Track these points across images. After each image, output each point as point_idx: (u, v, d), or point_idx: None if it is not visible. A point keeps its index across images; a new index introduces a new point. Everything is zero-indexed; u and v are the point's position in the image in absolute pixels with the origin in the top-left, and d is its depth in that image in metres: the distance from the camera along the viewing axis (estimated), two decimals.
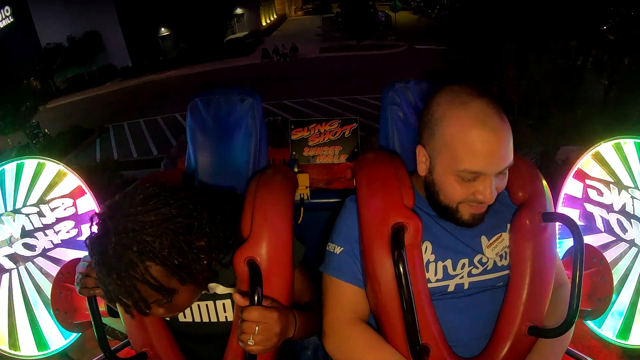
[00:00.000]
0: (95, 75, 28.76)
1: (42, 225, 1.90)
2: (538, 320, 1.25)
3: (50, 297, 1.70)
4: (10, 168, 1.89)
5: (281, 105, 17.03)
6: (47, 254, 1.91)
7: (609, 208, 1.78)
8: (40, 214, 1.89)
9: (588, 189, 1.83)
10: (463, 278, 1.27)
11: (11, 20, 27.34)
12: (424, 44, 21.98)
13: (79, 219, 1.93)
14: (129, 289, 1.03)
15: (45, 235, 1.90)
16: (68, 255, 1.91)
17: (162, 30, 31.81)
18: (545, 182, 1.36)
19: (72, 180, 1.93)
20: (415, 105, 1.63)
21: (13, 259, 1.88)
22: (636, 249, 1.73)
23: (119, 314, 1.37)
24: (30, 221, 1.88)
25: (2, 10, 26.74)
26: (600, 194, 1.79)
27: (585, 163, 1.84)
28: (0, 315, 1.86)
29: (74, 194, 1.93)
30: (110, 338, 1.62)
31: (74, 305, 1.66)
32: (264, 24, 41.31)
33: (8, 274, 1.88)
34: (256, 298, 1.11)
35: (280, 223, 1.27)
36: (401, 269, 1.12)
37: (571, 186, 1.88)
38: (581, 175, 1.85)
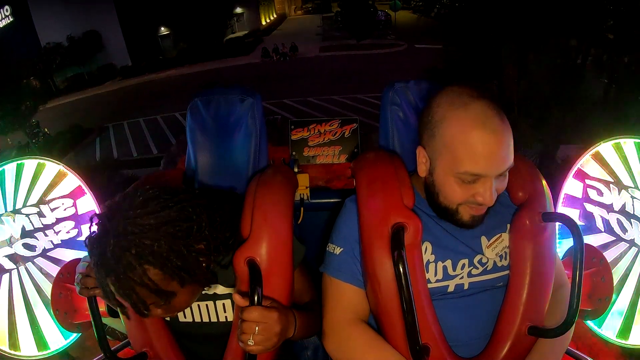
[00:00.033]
0: (95, 74, 28.69)
1: (42, 226, 1.90)
2: (538, 320, 1.25)
3: (50, 297, 1.70)
4: (10, 168, 1.89)
5: (281, 104, 17.00)
6: (47, 254, 1.91)
7: (609, 208, 1.78)
8: (40, 214, 1.89)
9: (588, 189, 1.83)
10: (463, 278, 1.27)
11: (11, 19, 27.28)
12: (423, 43, 21.95)
13: (79, 219, 1.93)
14: (127, 291, 1.04)
15: (45, 235, 1.90)
16: (68, 255, 1.91)
17: (162, 29, 31.77)
18: (545, 182, 1.35)
19: (72, 181, 1.93)
20: (415, 105, 1.63)
21: (13, 259, 1.88)
22: (636, 249, 1.73)
23: (119, 314, 1.37)
24: (30, 221, 1.88)
25: (2, 9, 26.66)
26: (600, 194, 1.80)
27: (585, 163, 1.84)
28: (0, 315, 1.86)
29: (74, 194, 1.93)
30: (110, 338, 1.62)
31: (74, 305, 1.66)
32: (263, 23, 41.26)
33: (8, 274, 1.88)
34: (256, 298, 1.11)
35: (280, 223, 1.27)
36: (401, 269, 1.12)
37: (571, 186, 1.88)
38: (581, 175, 1.85)
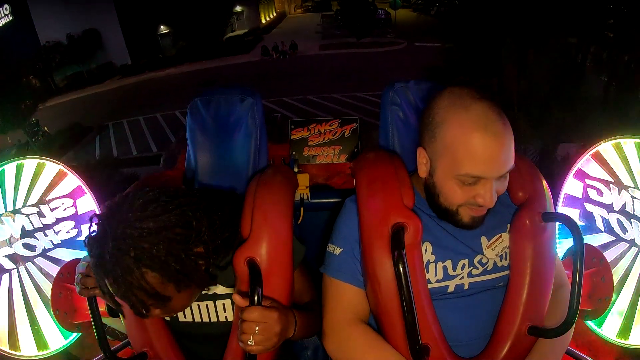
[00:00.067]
0: (94, 73, 28.64)
1: (42, 226, 1.90)
2: (538, 320, 1.25)
3: (50, 297, 1.71)
4: (10, 168, 1.89)
5: (281, 102, 17.02)
6: (47, 254, 1.91)
7: (609, 208, 1.78)
8: (40, 214, 1.89)
9: (588, 189, 1.83)
10: (463, 278, 1.26)
11: (10, 18, 27.24)
12: (423, 41, 21.95)
13: (78, 219, 1.93)
14: (125, 293, 1.04)
15: (45, 235, 1.90)
16: (68, 255, 1.91)
17: (162, 28, 31.73)
18: (545, 182, 1.35)
19: (72, 181, 1.93)
20: (415, 105, 1.63)
21: (13, 259, 1.88)
22: (636, 249, 1.74)
23: (119, 314, 1.37)
24: (30, 221, 1.88)
25: (1, 8, 26.58)
26: (600, 193, 1.80)
27: (585, 163, 1.84)
28: (0, 315, 1.86)
29: (74, 194, 1.93)
30: (110, 338, 1.62)
31: (74, 305, 1.67)
32: (263, 21, 41.21)
33: (8, 274, 1.88)
34: (256, 298, 1.11)
35: (280, 223, 1.27)
36: (401, 269, 1.12)
37: (571, 186, 1.88)
38: (581, 175, 1.85)
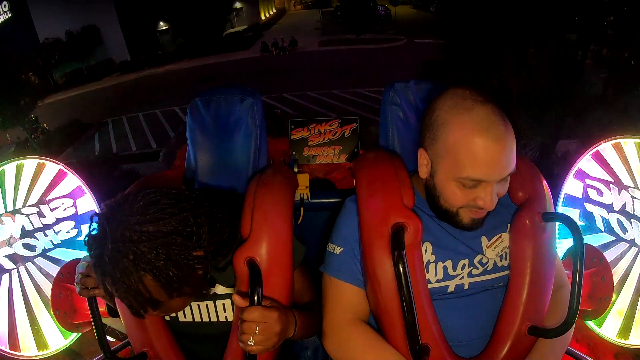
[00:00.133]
0: (93, 69, 28.65)
1: (42, 226, 1.90)
2: (538, 320, 1.25)
3: (50, 298, 1.71)
4: (10, 168, 1.89)
5: (280, 98, 16.99)
6: (47, 254, 1.92)
7: (609, 208, 1.78)
8: (40, 214, 1.89)
9: (588, 189, 1.83)
10: (463, 278, 1.26)
11: (9, 15, 27.21)
12: (423, 38, 21.92)
13: (78, 219, 1.93)
14: (122, 294, 1.04)
15: (45, 235, 1.90)
16: (68, 255, 1.91)
17: (161, 24, 31.69)
18: (545, 182, 1.35)
19: (72, 181, 1.93)
20: (415, 105, 1.63)
21: (13, 259, 1.88)
22: (636, 249, 1.74)
23: (119, 314, 1.37)
24: (30, 221, 1.88)
25: (0, 5, 26.60)
26: (600, 194, 1.80)
27: (585, 163, 1.84)
28: (0, 315, 1.86)
29: (74, 194, 1.93)
30: (110, 338, 1.62)
31: (74, 305, 1.67)
32: (263, 17, 41.17)
33: (8, 274, 1.89)
34: (256, 298, 1.11)
35: (280, 223, 1.27)
36: (401, 269, 1.12)
37: (571, 186, 1.88)
38: (581, 175, 1.85)
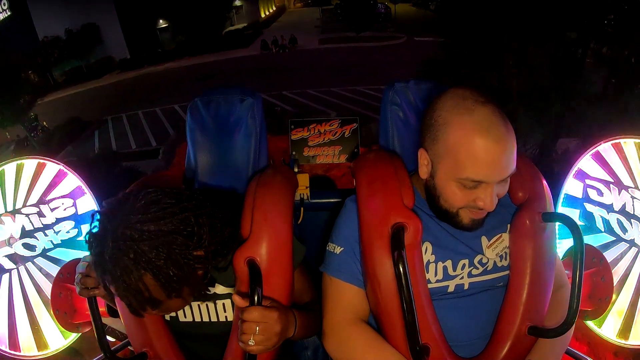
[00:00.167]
0: (93, 67, 28.66)
1: (42, 226, 1.90)
2: (538, 320, 1.24)
3: (50, 297, 1.71)
4: (10, 168, 1.89)
5: (280, 96, 16.99)
6: (47, 254, 1.92)
7: (609, 208, 1.78)
8: (40, 214, 1.89)
9: (588, 189, 1.83)
10: (463, 278, 1.26)
11: (8, 13, 27.19)
12: (423, 36, 21.89)
13: (79, 219, 1.93)
14: (122, 292, 1.04)
15: (45, 235, 1.90)
16: (68, 255, 1.92)
17: (161, 22, 31.67)
18: (545, 182, 1.35)
19: (72, 181, 1.93)
20: (415, 105, 1.62)
21: (13, 259, 1.88)
22: (636, 249, 1.74)
23: (119, 314, 1.37)
24: (30, 221, 1.88)
25: None
26: (600, 194, 1.80)
27: (585, 163, 1.84)
28: (0, 315, 1.86)
29: (74, 194, 1.93)
30: (110, 338, 1.62)
31: (74, 305, 1.67)
32: (262, 15, 41.09)
33: (8, 274, 1.89)
34: (256, 298, 1.11)
35: (280, 223, 1.27)
36: (401, 269, 1.12)
37: (571, 186, 1.88)
38: (581, 175, 1.85)
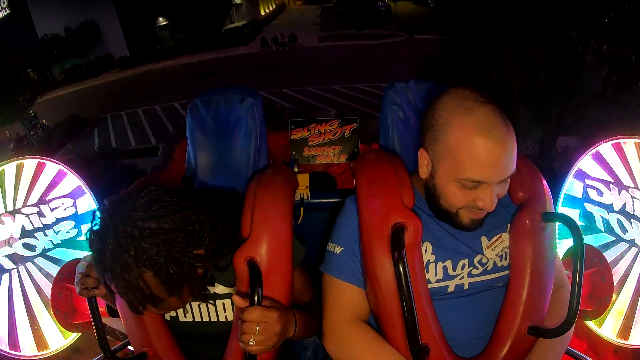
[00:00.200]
0: (92, 65, 28.67)
1: (42, 225, 1.90)
2: (538, 320, 1.24)
3: (50, 297, 1.71)
4: (10, 168, 1.89)
5: (280, 93, 17.00)
6: (47, 254, 1.92)
7: (609, 208, 1.78)
8: (40, 214, 1.89)
9: (588, 189, 1.83)
10: (463, 278, 1.26)
11: (7, 12, 27.15)
12: (423, 33, 21.86)
13: (79, 219, 1.93)
14: (122, 290, 1.04)
15: (45, 235, 1.90)
16: (68, 255, 1.91)
17: (160, 19, 31.65)
18: (545, 182, 1.35)
19: (72, 180, 1.93)
20: (416, 105, 1.62)
21: (13, 259, 1.88)
22: (636, 249, 1.74)
23: (119, 314, 1.37)
24: (30, 221, 1.88)
25: None
26: (600, 194, 1.79)
27: (585, 163, 1.84)
28: (0, 315, 1.86)
29: (74, 194, 1.93)
30: (110, 338, 1.62)
31: (74, 305, 1.67)
32: (262, 13, 41.09)
33: (8, 274, 1.89)
34: (256, 298, 1.11)
35: (280, 223, 1.27)
36: (401, 269, 1.12)
37: (571, 186, 1.88)
38: (581, 175, 1.85)
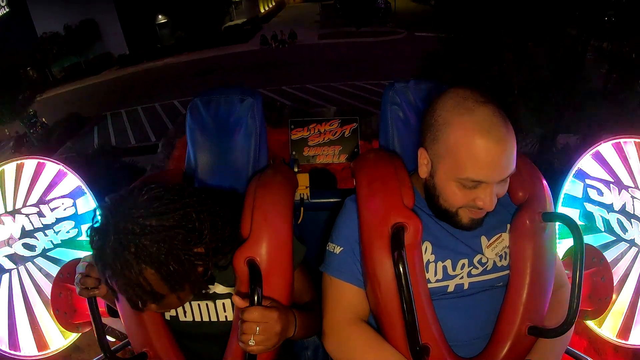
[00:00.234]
0: (92, 63, 28.65)
1: (42, 226, 1.90)
2: (538, 320, 1.24)
3: (50, 297, 1.71)
4: (10, 168, 1.89)
5: (279, 91, 16.99)
6: (47, 254, 1.92)
7: (609, 208, 1.78)
8: (40, 214, 1.89)
9: (588, 189, 1.83)
10: (463, 278, 1.26)
11: (7, 10, 27.12)
12: (423, 31, 21.83)
13: (79, 219, 1.93)
14: (122, 287, 1.04)
15: (45, 235, 1.90)
16: (68, 255, 1.92)
17: (160, 17, 31.63)
18: (545, 182, 1.35)
19: (72, 181, 1.93)
20: (415, 105, 1.62)
21: (13, 259, 1.88)
22: (636, 249, 1.74)
23: (119, 314, 1.37)
24: (30, 221, 1.88)
25: None
26: (600, 194, 1.79)
27: (585, 163, 1.84)
28: (0, 315, 1.86)
29: (74, 194, 1.93)
30: (110, 338, 1.62)
31: (74, 305, 1.67)
32: (262, 10, 41.09)
33: (8, 274, 1.89)
34: (256, 298, 1.11)
35: (280, 223, 1.27)
36: (401, 269, 1.12)
37: (571, 186, 1.88)
38: (581, 175, 1.85)
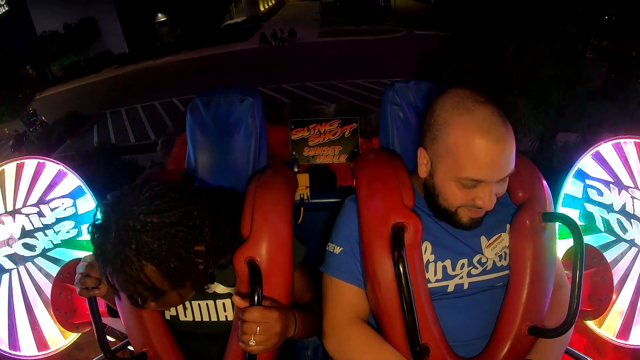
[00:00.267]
0: (91, 62, 28.65)
1: (42, 225, 1.90)
2: (538, 320, 1.24)
3: (50, 297, 1.71)
4: (10, 168, 1.89)
5: (279, 89, 16.99)
6: (47, 254, 1.92)
7: (609, 208, 1.78)
8: (40, 214, 1.89)
9: (588, 189, 1.83)
10: (462, 278, 1.27)
11: (6, 8, 27.10)
12: (423, 29, 21.81)
13: (79, 219, 1.93)
14: (123, 283, 1.05)
15: (45, 235, 1.90)
16: (68, 255, 1.92)
17: (159, 16, 31.61)
18: (545, 182, 1.35)
19: (72, 181, 1.93)
20: (416, 105, 1.62)
21: (13, 259, 1.88)
22: (636, 249, 1.74)
23: (119, 314, 1.37)
24: (30, 221, 1.88)
25: None
26: (600, 194, 1.79)
27: (585, 163, 1.84)
28: (0, 315, 1.86)
29: (74, 194, 1.93)
30: (110, 338, 1.62)
31: (73, 305, 1.67)
32: (262, 9, 41.07)
33: (8, 274, 1.89)
34: (256, 298, 1.11)
35: (280, 223, 1.27)
36: (401, 269, 1.12)
37: (571, 186, 1.88)
38: (581, 175, 1.85)
